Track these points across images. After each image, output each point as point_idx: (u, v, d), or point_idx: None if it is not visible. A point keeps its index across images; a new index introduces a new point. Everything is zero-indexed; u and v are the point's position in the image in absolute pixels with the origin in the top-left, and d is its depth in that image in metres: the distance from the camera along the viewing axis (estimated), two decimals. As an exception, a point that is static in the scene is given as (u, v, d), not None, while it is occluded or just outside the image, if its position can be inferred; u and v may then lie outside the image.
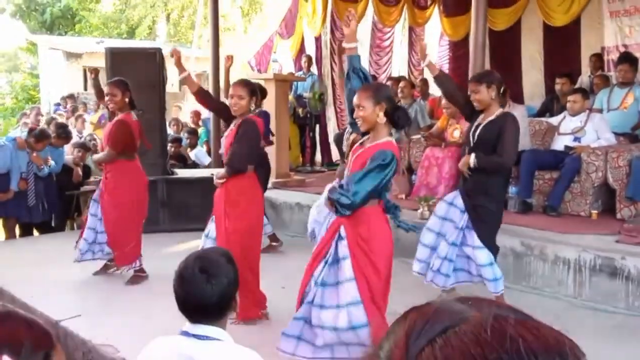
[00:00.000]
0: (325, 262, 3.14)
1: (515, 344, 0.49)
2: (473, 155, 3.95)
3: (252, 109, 4.04)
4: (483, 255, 3.94)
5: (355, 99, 3.14)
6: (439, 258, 4.06)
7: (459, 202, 4.06)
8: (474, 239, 3.95)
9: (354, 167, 3.14)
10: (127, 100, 4.87)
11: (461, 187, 4.15)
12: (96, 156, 5.12)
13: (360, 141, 3.28)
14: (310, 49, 10.50)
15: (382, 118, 3.11)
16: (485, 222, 3.97)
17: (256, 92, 4.11)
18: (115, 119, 4.95)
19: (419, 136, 6.97)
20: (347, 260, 3.08)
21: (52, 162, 7.17)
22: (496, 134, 3.89)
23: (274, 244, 5.99)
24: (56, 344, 0.82)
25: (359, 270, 3.06)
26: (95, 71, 5.02)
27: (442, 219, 4.14)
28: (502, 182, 4.11)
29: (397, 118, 3.17)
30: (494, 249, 4.03)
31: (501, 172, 4.02)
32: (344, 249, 3.10)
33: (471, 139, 4.07)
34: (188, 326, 1.73)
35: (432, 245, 4.15)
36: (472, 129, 4.07)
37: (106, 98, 4.91)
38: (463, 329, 0.51)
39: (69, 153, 7.99)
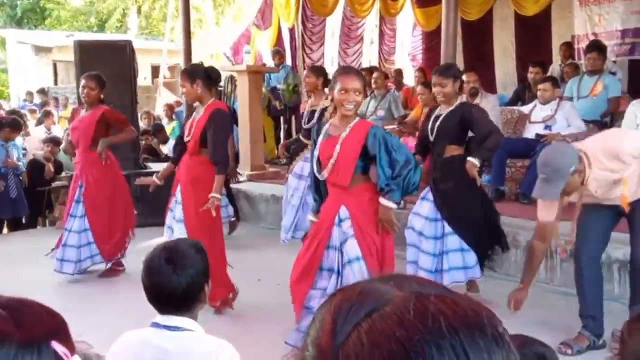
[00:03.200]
0: (332, 248, 3.16)
1: (437, 322, 0.50)
2: (472, 159, 3.83)
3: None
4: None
5: (353, 83, 3.03)
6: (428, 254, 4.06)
7: (430, 195, 4.07)
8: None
9: (345, 151, 3.09)
10: (101, 96, 4.88)
11: (430, 183, 4.12)
12: (118, 137, 4.92)
13: (325, 131, 3.21)
14: (287, 40, 10.47)
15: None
16: (462, 216, 3.96)
17: (199, 75, 4.00)
18: (101, 109, 4.84)
19: (393, 126, 7.00)
20: (352, 240, 3.11)
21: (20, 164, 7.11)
22: (456, 122, 3.89)
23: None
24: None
25: (366, 248, 3.11)
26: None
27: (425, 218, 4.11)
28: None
29: None
30: (479, 247, 4.03)
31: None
32: (347, 229, 3.12)
33: (429, 133, 4.04)
34: (159, 318, 1.72)
35: (416, 244, 4.13)
36: (431, 122, 4.04)
37: (81, 90, 4.86)
38: (387, 312, 0.52)
39: (39, 148, 7.86)
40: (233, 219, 6.04)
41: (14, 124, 7.05)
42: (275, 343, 3.30)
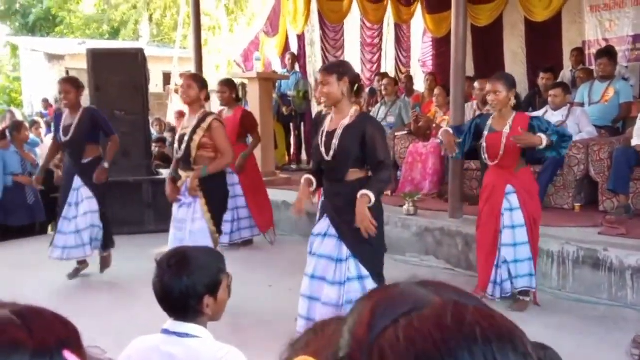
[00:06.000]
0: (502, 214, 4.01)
1: (472, 331, 0.52)
2: (365, 193, 3.11)
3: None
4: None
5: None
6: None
7: (332, 230, 3.30)
8: (359, 268, 3.25)
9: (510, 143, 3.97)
10: (233, 96, 5.86)
11: (328, 209, 3.34)
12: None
13: (490, 126, 4.04)
14: (295, 47, 10.51)
15: None
16: (369, 243, 3.20)
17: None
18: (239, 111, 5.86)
19: (403, 132, 6.99)
20: (518, 211, 3.99)
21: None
22: (358, 141, 3.20)
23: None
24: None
25: (528, 218, 3.98)
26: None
27: (317, 257, 3.33)
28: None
29: None
30: (381, 277, 3.29)
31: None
32: (514, 202, 3.99)
33: (323, 150, 3.28)
34: (168, 324, 1.73)
35: (309, 295, 3.33)
36: (323, 138, 3.30)
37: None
38: (426, 314, 0.54)
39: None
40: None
41: (19, 126, 7.18)
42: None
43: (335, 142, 3.23)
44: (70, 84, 4.92)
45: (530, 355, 0.54)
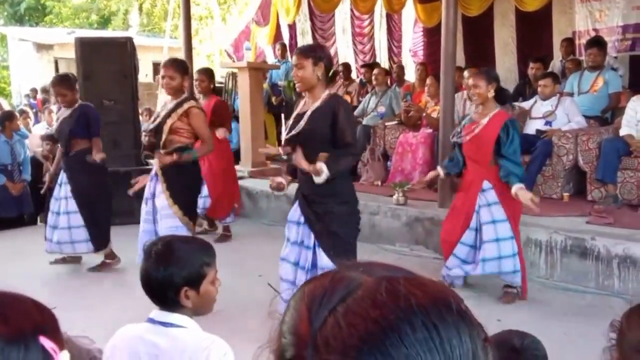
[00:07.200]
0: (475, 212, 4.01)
1: (408, 302, 0.54)
2: (320, 165, 3.11)
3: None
4: None
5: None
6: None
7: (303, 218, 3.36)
8: (323, 260, 3.26)
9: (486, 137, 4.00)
10: (211, 86, 5.86)
11: (300, 196, 3.38)
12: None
13: (470, 117, 4.17)
14: (286, 37, 10.47)
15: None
16: (335, 234, 3.26)
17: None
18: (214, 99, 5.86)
19: (394, 122, 7.00)
20: (498, 205, 3.95)
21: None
22: (329, 121, 3.18)
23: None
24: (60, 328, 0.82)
25: (510, 212, 3.95)
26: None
27: (297, 245, 3.42)
28: (349, 179, 3.52)
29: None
30: None
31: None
32: (492, 197, 3.96)
33: (291, 132, 3.32)
34: (154, 313, 1.74)
35: (291, 281, 3.43)
36: (293, 120, 3.35)
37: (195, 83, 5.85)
38: (360, 295, 0.55)
39: (37, 146, 7.88)
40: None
41: (10, 116, 7.14)
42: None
43: (302, 123, 3.24)
44: (60, 85, 4.88)
45: (465, 311, 0.56)
